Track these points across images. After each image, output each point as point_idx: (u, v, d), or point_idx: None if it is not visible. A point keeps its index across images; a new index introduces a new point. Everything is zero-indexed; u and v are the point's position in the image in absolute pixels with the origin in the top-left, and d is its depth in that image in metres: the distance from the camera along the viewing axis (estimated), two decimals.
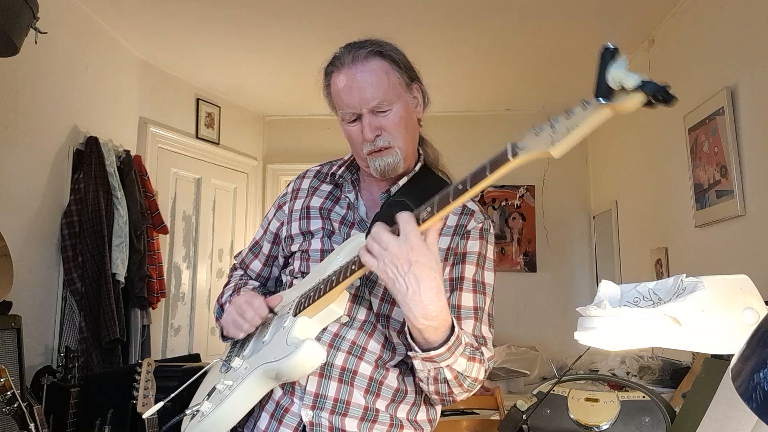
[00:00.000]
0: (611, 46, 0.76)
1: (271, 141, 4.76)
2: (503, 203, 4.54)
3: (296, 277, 1.28)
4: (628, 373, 2.77)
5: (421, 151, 1.31)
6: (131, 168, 3.19)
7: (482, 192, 0.85)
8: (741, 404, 0.53)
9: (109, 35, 3.28)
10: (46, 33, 2.17)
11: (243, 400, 1.13)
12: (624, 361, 2.86)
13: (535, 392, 1.62)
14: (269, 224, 1.41)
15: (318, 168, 1.40)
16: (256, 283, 1.43)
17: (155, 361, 2.30)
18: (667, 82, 0.74)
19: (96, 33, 3.16)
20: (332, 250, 1.22)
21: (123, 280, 2.97)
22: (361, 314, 1.19)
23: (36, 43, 2.15)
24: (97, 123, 3.11)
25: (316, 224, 1.28)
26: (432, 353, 1.01)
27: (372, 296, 1.19)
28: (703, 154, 2.60)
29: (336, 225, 1.27)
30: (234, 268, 1.50)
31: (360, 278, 1.14)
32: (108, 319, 2.78)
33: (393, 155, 1.20)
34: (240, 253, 1.50)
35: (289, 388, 1.17)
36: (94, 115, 3.11)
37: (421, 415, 1.21)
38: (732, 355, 0.60)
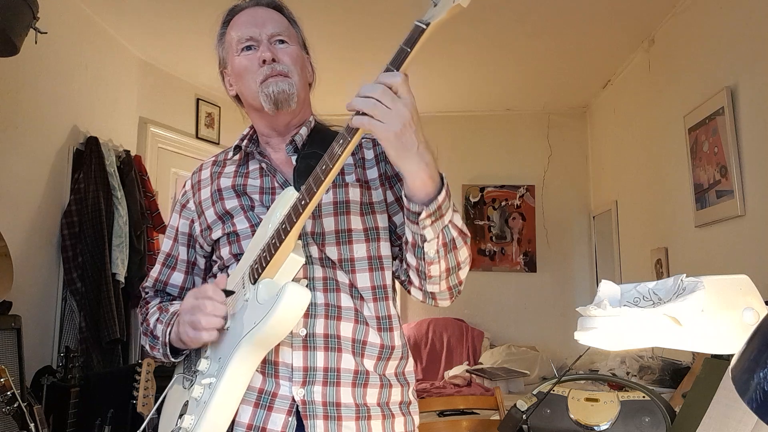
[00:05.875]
0: None
1: None
2: (503, 203, 4.54)
3: (229, 265, 1.20)
4: (628, 373, 2.77)
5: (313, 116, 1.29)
6: (131, 168, 3.19)
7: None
8: (741, 404, 0.53)
9: (109, 35, 3.28)
10: (46, 33, 2.16)
11: (233, 389, 1.02)
12: (624, 361, 2.87)
13: (535, 392, 1.62)
14: (177, 230, 1.31)
15: (213, 159, 1.33)
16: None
17: (155, 361, 2.30)
18: None
19: (96, 33, 3.16)
20: (261, 222, 1.15)
21: (123, 280, 2.97)
22: (318, 272, 1.14)
23: (36, 43, 2.15)
24: (97, 123, 3.11)
25: (232, 203, 1.21)
26: (439, 198, 0.98)
27: (314, 247, 1.14)
28: (703, 154, 2.60)
29: (255, 197, 1.20)
30: (146, 302, 1.32)
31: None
32: (108, 319, 2.78)
33: (288, 83, 1.18)
34: (147, 280, 1.34)
35: (271, 370, 1.10)
36: (94, 115, 3.11)
37: (409, 367, 1.21)
38: (732, 355, 0.60)
